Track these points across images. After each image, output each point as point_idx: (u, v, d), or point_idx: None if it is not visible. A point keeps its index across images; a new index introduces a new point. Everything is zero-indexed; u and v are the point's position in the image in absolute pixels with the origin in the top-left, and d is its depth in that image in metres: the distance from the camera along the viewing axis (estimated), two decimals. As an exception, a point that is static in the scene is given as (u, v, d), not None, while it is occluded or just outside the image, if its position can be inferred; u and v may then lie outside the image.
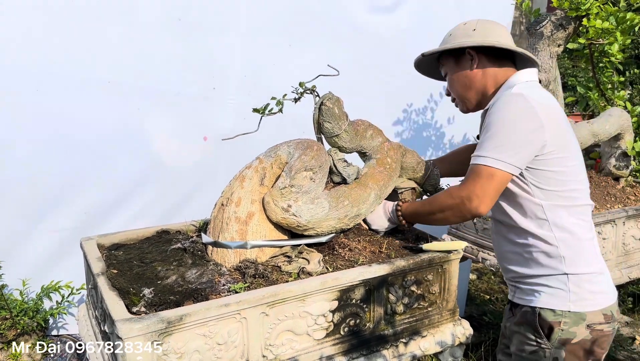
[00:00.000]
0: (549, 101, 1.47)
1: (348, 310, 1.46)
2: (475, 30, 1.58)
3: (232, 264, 1.51)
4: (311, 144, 1.59)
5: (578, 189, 1.49)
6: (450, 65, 1.63)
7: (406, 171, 1.81)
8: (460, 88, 1.62)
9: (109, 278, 1.40)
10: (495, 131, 1.41)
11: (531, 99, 1.41)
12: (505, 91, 1.48)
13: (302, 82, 1.60)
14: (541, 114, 1.39)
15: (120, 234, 1.74)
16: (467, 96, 1.61)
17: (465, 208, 1.45)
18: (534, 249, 1.49)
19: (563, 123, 1.47)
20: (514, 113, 1.41)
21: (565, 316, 1.45)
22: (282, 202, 1.52)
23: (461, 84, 1.61)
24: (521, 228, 1.50)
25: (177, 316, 1.21)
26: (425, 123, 3.44)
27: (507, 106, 1.42)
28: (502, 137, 1.40)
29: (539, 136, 1.40)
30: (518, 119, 1.40)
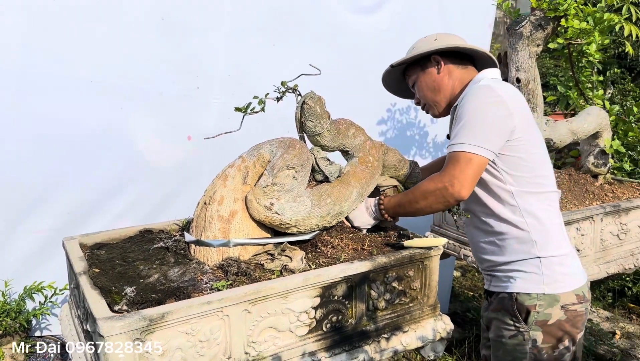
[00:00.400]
0: (514, 91, 1.57)
1: (330, 307, 1.48)
2: (437, 40, 1.68)
3: (215, 262, 1.52)
4: (293, 143, 1.61)
5: (545, 176, 1.58)
6: (417, 73, 1.72)
7: (388, 170, 1.83)
8: (429, 93, 1.70)
9: (91, 277, 1.40)
10: (468, 119, 1.49)
11: (498, 89, 1.50)
12: (473, 85, 1.58)
13: (284, 81, 1.62)
14: (509, 102, 1.49)
15: (102, 234, 1.74)
16: (437, 99, 1.70)
17: (447, 192, 1.49)
18: (507, 236, 1.56)
19: (527, 112, 1.57)
20: (484, 102, 1.49)
21: (540, 299, 1.52)
22: (265, 200, 1.53)
23: (430, 88, 1.69)
24: (495, 215, 1.57)
25: (159, 314, 1.21)
26: (409, 122, 3.47)
27: (476, 97, 1.50)
28: (475, 124, 1.48)
29: (508, 122, 1.48)
30: (488, 106, 1.49)
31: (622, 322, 3.51)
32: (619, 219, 2.39)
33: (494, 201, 1.57)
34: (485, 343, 1.77)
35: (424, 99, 1.73)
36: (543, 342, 1.54)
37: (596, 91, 2.72)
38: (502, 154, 1.52)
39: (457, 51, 1.68)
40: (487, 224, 1.61)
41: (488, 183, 1.57)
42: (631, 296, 3.73)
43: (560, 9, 2.15)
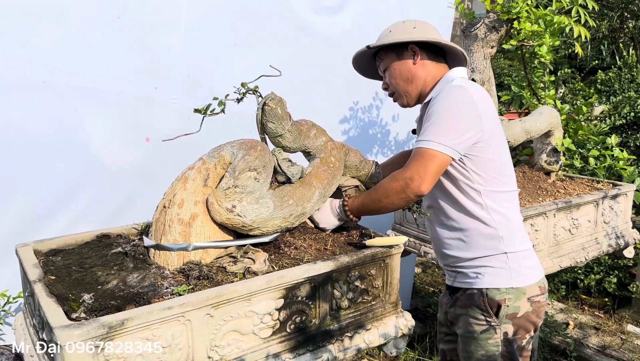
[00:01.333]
0: (484, 93, 1.60)
1: (294, 307, 1.48)
2: (416, 28, 1.68)
3: (176, 266, 1.50)
4: (255, 144, 1.60)
5: (509, 175, 1.65)
6: (391, 59, 1.69)
7: (349, 170, 1.85)
8: (401, 82, 1.69)
9: (47, 284, 1.35)
10: (438, 118, 1.52)
11: (471, 90, 1.54)
12: (446, 84, 1.61)
13: (244, 82, 1.61)
14: (479, 104, 1.53)
15: (58, 240, 1.69)
16: (408, 89, 1.69)
17: (408, 188, 1.51)
18: (475, 232, 1.61)
19: (495, 115, 1.62)
20: (456, 102, 1.52)
21: (509, 293, 1.59)
22: (227, 202, 1.52)
23: (403, 77, 1.68)
24: (464, 211, 1.62)
25: (119, 321, 1.19)
26: (371, 121, 3.51)
27: (449, 96, 1.53)
28: (445, 123, 1.51)
29: (478, 124, 1.52)
30: (459, 107, 1.52)
31: (575, 313, 3.65)
32: (571, 215, 2.49)
33: (463, 197, 1.61)
34: (444, 337, 1.81)
35: (395, 87, 1.73)
36: (514, 334, 1.61)
37: (548, 91, 2.82)
38: (471, 154, 1.57)
39: (433, 44, 1.69)
40: (454, 221, 1.65)
41: (458, 181, 1.61)
42: (583, 288, 3.89)
43: (513, 12, 2.21)
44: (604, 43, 7.94)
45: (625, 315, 3.54)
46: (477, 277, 1.63)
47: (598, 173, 2.90)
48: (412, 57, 1.67)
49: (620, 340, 3.24)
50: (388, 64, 1.71)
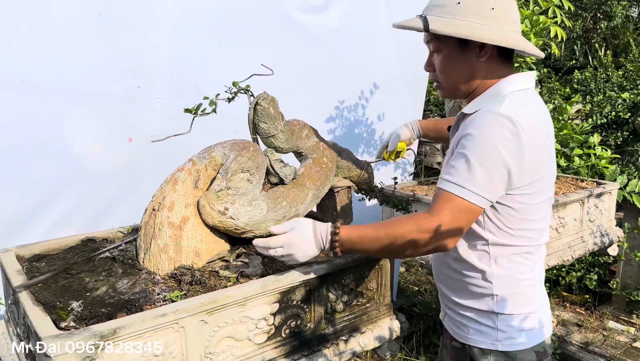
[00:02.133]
0: (537, 120, 1.28)
1: (289, 312, 1.45)
2: (495, 9, 1.27)
3: (167, 271, 1.46)
4: (247, 145, 1.56)
5: (535, 229, 1.35)
6: (451, 47, 1.32)
7: (342, 170, 1.82)
8: (456, 77, 1.35)
9: (32, 292, 1.30)
10: (474, 156, 1.22)
11: (519, 123, 1.20)
12: (495, 100, 1.27)
13: (235, 81, 1.57)
14: (526, 143, 1.21)
15: (41, 245, 1.63)
16: (461, 87, 1.37)
17: (433, 243, 1.24)
18: (469, 279, 1.38)
19: (544, 150, 1.29)
20: (498, 141, 1.21)
21: (493, 355, 1.37)
22: (219, 205, 1.48)
23: (461, 74, 1.34)
24: (462, 253, 1.37)
25: (111, 330, 1.14)
26: (356, 120, 3.49)
27: (492, 131, 1.21)
28: (481, 167, 1.21)
29: (517, 171, 1.23)
30: (501, 149, 1.21)
31: (557, 310, 3.69)
32: (557, 214, 2.50)
33: (465, 239, 1.36)
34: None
35: (443, 80, 1.38)
36: None
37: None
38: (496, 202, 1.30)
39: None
40: (451, 258, 1.42)
41: None
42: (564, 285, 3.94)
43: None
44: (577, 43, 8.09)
45: (606, 311, 3.59)
46: (461, 329, 1.43)
47: (582, 172, 2.94)
48: (477, 52, 1.30)
49: (602, 336, 3.28)
50: (443, 50, 1.33)
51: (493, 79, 1.34)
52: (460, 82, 1.36)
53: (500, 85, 1.32)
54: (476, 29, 1.26)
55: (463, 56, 1.32)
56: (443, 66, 1.36)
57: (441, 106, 5.24)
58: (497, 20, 1.27)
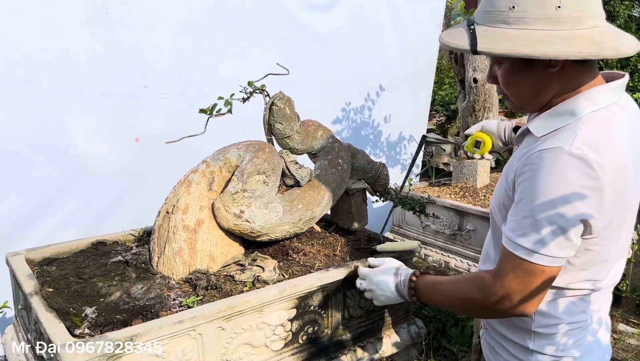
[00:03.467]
0: (623, 151, 1.03)
1: (306, 318, 1.41)
2: (562, 8, 0.98)
3: (181, 276, 1.42)
4: (263, 146, 1.53)
5: (597, 280, 1.14)
6: (513, 60, 1.07)
7: (356, 172, 1.79)
8: (524, 92, 1.11)
9: (45, 297, 1.26)
10: (540, 211, 1.00)
11: (596, 163, 0.97)
12: (563, 138, 1.01)
13: (250, 81, 1.53)
14: (607, 187, 0.99)
15: (51, 248, 1.58)
16: (530, 102, 1.12)
17: (509, 309, 1.09)
18: None
19: (630, 185, 1.06)
20: (571, 191, 0.99)
21: None
22: (234, 208, 1.44)
23: (528, 89, 1.10)
24: None
25: (127, 337, 1.10)
26: (363, 122, 3.46)
27: (563, 178, 0.98)
28: (550, 224, 1.00)
29: (596, 221, 1.02)
30: (575, 201, 0.99)
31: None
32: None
33: None
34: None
35: (510, 92, 1.14)
36: None
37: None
38: None
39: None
40: None
41: None
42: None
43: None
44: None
45: (616, 314, 3.56)
46: (494, 355, 1.28)
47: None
48: (547, 62, 1.03)
49: (613, 339, 3.25)
50: (504, 63, 1.10)
51: (570, 91, 1.07)
52: (529, 97, 1.11)
53: (577, 102, 1.05)
54: (539, 40, 0.98)
55: (529, 69, 1.06)
56: (506, 81, 1.12)
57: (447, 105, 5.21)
58: (568, 21, 0.99)
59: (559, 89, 1.08)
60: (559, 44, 0.98)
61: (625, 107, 1.09)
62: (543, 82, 1.07)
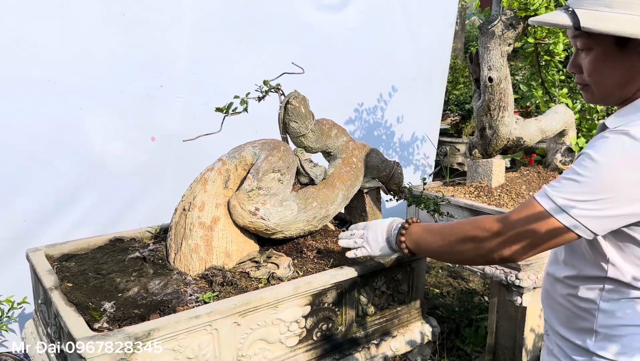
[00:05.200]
0: None
1: (321, 315, 1.43)
2: None
3: (197, 272, 1.44)
4: (278, 145, 1.54)
5: None
6: (606, 45, 1.05)
7: (371, 170, 1.79)
8: (612, 81, 1.08)
9: (64, 292, 1.28)
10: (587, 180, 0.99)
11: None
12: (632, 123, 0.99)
13: (266, 80, 1.55)
14: None
15: (70, 244, 1.61)
16: (616, 93, 1.09)
17: (497, 246, 1.08)
18: (571, 304, 1.14)
19: None
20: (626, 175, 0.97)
21: None
22: (250, 205, 1.45)
23: (617, 77, 1.06)
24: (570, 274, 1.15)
25: (145, 332, 1.12)
26: (375, 122, 3.46)
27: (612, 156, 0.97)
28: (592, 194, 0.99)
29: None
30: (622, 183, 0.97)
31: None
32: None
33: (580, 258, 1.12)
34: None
35: (595, 81, 1.10)
36: None
37: (560, 90, 2.78)
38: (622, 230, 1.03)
39: None
40: (560, 273, 1.17)
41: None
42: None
43: (531, 9, 2.17)
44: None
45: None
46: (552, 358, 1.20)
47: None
48: (639, 53, 1.02)
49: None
50: (595, 48, 1.07)
51: None
52: (616, 88, 1.08)
53: None
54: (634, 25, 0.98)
55: (621, 56, 1.04)
56: (594, 68, 1.08)
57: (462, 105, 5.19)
58: None
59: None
60: None
61: None
62: (633, 72, 1.05)
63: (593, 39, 1.05)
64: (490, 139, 2.45)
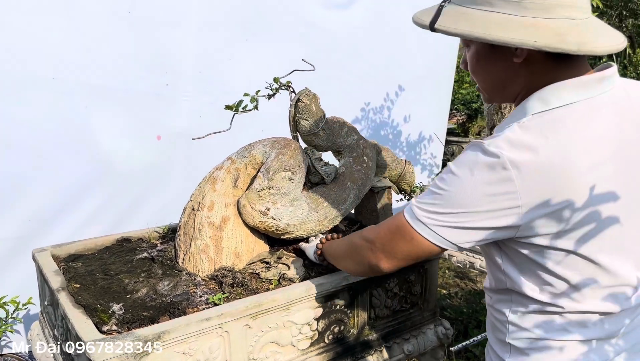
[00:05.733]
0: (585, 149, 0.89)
1: (333, 317, 1.40)
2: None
3: (207, 273, 1.41)
4: (288, 143, 1.51)
5: (564, 286, 0.96)
6: (481, 47, 0.99)
7: (381, 170, 1.76)
8: (490, 80, 1.03)
9: (72, 293, 1.25)
10: (445, 196, 0.96)
11: (512, 163, 0.87)
12: (495, 134, 0.94)
13: (276, 77, 1.52)
14: (522, 188, 0.88)
15: (76, 244, 1.59)
16: (495, 93, 1.05)
17: (368, 256, 1.09)
18: (491, 315, 1.12)
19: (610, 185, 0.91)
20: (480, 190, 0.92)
21: None
22: (260, 205, 1.42)
23: (494, 77, 1.01)
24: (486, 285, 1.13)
25: (155, 334, 1.09)
26: (382, 122, 3.43)
27: (472, 173, 0.91)
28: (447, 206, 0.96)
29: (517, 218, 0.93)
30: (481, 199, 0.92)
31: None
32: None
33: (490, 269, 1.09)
34: None
35: (477, 80, 1.06)
36: None
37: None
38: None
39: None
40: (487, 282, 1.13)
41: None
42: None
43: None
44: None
45: None
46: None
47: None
48: (513, 50, 0.94)
49: None
50: (471, 46, 1.02)
51: (540, 85, 0.94)
52: (495, 89, 1.03)
53: (529, 102, 0.94)
54: (496, 23, 0.89)
55: (494, 56, 0.98)
56: (472, 67, 1.04)
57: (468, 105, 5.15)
58: (535, 8, 0.89)
59: (527, 83, 0.97)
60: (517, 31, 0.88)
61: (614, 99, 0.95)
62: (509, 73, 0.98)
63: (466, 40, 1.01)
64: (500, 138, 2.41)
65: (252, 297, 1.26)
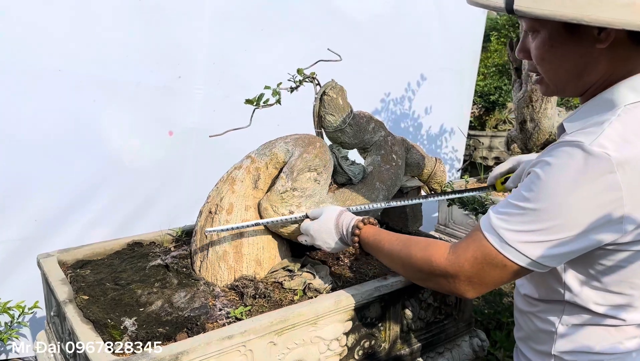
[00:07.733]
0: None
1: (363, 331, 1.28)
2: None
3: (226, 282, 1.30)
4: (313, 141, 1.39)
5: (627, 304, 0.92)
6: (554, 28, 0.87)
7: (411, 168, 1.64)
8: (563, 70, 0.90)
9: (80, 306, 1.15)
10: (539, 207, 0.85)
11: (620, 162, 0.78)
12: (589, 131, 0.82)
13: (300, 68, 1.39)
14: (627, 191, 0.80)
15: (84, 249, 1.48)
16: (569, 85, 0.92)
17: (448, 287, 0.97)
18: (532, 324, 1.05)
19: None
20: (581, 196, 0.82)
21: None
22: (283, 208, 1.31)
23: (568, 66, 0.89)
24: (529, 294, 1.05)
25: (172, 356, 0.98)
26: (403, 113, 3.30)
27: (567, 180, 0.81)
28: (542, 222, 0.85)
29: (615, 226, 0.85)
30: (582, 207, 0.82)
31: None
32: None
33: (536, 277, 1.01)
34: None
35: (544, 70, 0.93)
36: None
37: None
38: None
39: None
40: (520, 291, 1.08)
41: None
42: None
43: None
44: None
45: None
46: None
47: None
48: (595, 34, 0.83)
49: None
50: (540, 31, 0.89)
51: (621, 76, 0.86)
52: (569, 78, 0.91)
53: (617, 90, 0.85)
54: (589, 2, 0.77)
55: (571, 41, 0.86)
56: (541, 55, 0.91)
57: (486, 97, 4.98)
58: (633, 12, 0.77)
59: (607, 71, 0.87)
60: (615, 10, 0.77)
61: None
62: (587, 60, 0.87)
63: (539, 20, 0.87)
64: (531, 132, 2.28)
65: (277, 311, 1.15)
